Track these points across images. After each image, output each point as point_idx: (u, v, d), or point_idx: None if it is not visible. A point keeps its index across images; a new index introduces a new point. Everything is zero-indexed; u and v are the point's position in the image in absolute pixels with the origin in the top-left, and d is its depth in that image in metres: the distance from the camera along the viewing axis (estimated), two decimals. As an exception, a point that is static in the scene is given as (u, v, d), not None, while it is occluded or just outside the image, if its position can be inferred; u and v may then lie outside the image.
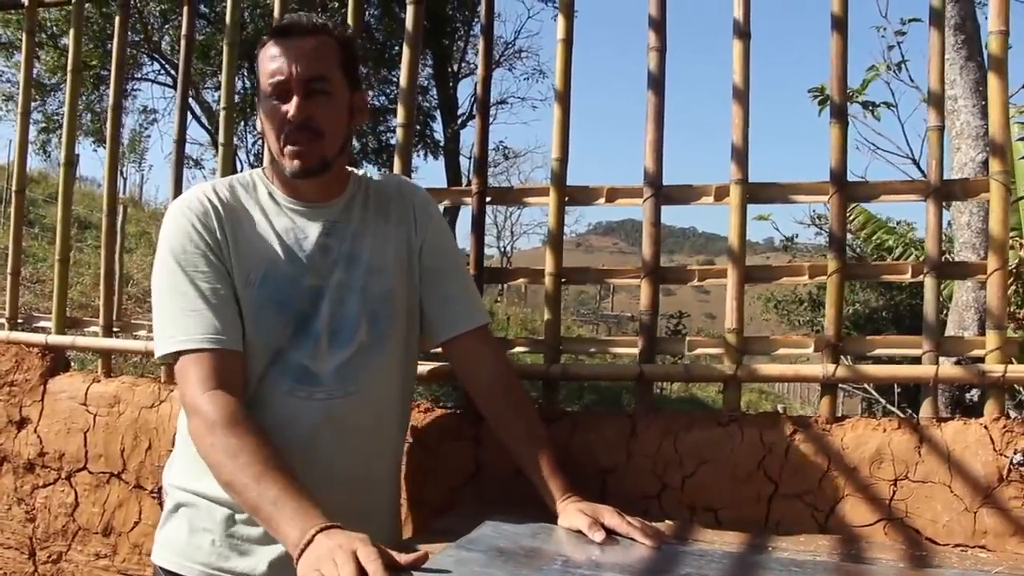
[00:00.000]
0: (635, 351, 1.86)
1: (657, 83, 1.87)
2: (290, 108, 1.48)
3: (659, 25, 1.87)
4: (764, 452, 1.70)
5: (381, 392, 1.58)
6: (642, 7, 1.89)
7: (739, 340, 1.78)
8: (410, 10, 2.07)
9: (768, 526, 1.68)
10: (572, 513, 1.46)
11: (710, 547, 1.45)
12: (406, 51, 2.09)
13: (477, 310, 1.67)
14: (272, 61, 1.49)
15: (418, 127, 17.28)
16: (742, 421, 1.75)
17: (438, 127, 18.00)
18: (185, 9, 2.38)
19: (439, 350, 1.74)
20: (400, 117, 2.06)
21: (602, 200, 1.93)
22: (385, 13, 15.05)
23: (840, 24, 1.77)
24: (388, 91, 15.60)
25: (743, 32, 1.82)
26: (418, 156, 17.84)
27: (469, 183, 2.14)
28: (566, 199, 1.93)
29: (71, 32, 2.63)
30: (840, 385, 1.86)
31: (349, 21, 2.15)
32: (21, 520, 2.54)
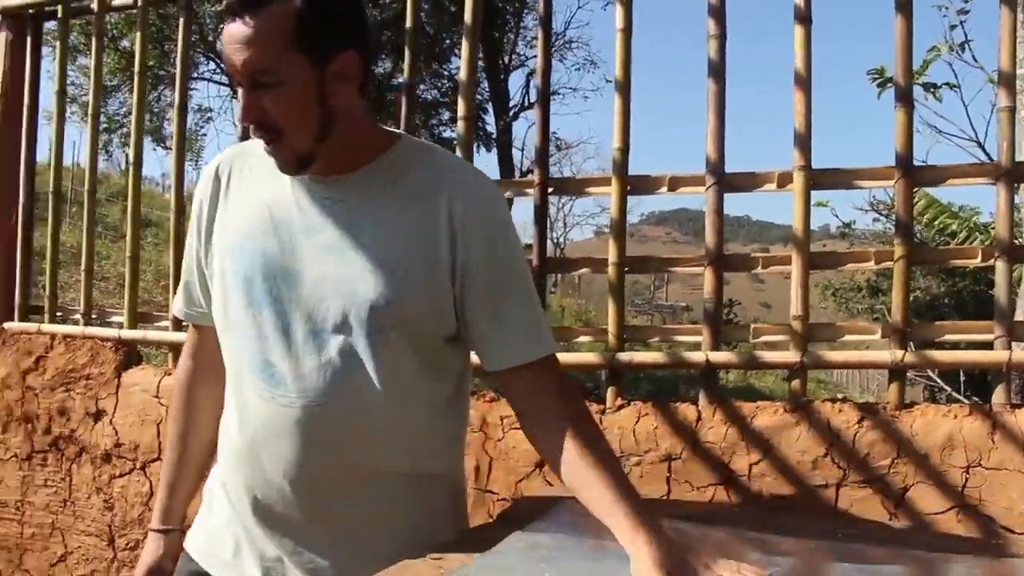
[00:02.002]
0: (698, 339, 1.86)
1: (717, 71, 1.86)
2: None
3: (719, 12, 1.86)
4: (832, 439, 1.70)
5: (365, 407, 1.33)
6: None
7: (804, 327, 1.77)
8: (468, 3, 2.08)
9: (836, 513, 1.68)
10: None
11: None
12: (465, 44, 2.10)
13: (532, 340, 1.35)
14: (224, 46, 1.28)
15: (469, 120, 17.30)
16: (808, 408, 1.74)
17: (490, 119, 18.05)
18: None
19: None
20: (461, 110, 2.08)
21: (664, 189, 1.93)
22: (435, 7, 15.11)
23: (904, 6, 1.75)
24: (439, 84, 15.67)
25: (804, 17, 1.80)
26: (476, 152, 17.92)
27: (525, 174, 2.14)
28: (628, 188, 1.93)
29: (137, 36, 2.70)
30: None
31: (407, 20, 2.18)
32: (100, 508, 2.64)
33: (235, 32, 1.23)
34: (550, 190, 2.02)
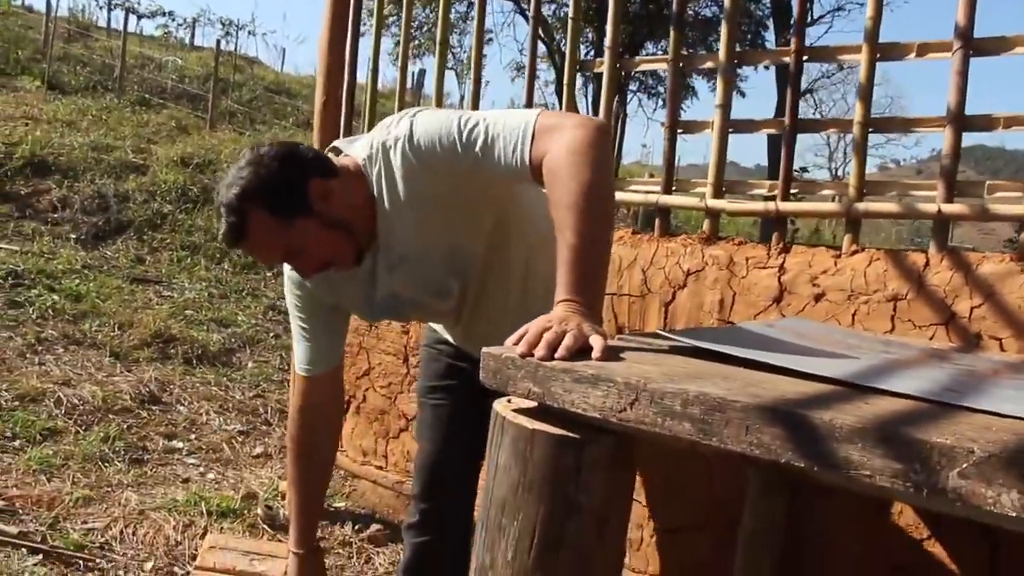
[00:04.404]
0: (933, 193, 2.02)
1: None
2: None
3: None
4: (1054, 285, 1.82)
5: (482, 309, 1.81)
6: None
7: (1038, 181, 1.89)
8: None
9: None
10: None
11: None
12: None
13: (513, 153, 1.50)
14: None
15: (749, 36, 16.99)
16: (1035, 258, 1.87)
17: (770, 36, 17.50)
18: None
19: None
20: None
21: (912, 55, 2.07)
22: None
23: None
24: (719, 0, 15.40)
25: None
26: (752, 68, 17.58)
27: (804, 93, 2.32)
28: (877, 56, 2.10)
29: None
30: None
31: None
32: (398, 332, 3.19)
33: (252, 253, 1.64)
34: (805, 58, 2.23)
